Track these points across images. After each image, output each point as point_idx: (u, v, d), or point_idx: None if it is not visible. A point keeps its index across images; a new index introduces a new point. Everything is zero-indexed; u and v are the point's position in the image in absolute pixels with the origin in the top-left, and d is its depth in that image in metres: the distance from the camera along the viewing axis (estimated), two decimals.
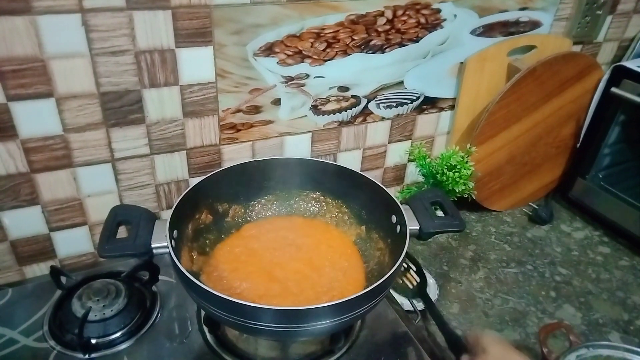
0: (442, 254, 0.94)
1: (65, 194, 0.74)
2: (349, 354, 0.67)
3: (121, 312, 0.68)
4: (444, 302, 0.83)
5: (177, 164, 0.80)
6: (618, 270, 0.93)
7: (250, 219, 0.79)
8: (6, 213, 0.72)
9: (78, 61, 0.65)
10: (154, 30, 0.67)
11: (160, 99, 0.73)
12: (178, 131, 0.77)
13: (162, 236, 0.59)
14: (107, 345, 0.66)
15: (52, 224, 0.76)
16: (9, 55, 0.61)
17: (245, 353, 0.66)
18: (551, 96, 1.00)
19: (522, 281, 0.89)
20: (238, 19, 0.72)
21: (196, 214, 0.72)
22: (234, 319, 0.54)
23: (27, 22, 0.60)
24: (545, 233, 1.03)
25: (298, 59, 0.79)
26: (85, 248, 0.81)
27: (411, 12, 0.84)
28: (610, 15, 1.06)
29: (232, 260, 0.71)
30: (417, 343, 0.70)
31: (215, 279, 0.67)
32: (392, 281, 0.60)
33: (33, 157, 0.69)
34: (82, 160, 0.73)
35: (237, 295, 0.64)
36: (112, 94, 0.69)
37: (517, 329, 0.79)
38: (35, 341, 0.66)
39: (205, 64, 0.73)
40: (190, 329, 0.70)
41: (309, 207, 0.81)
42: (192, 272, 0.65)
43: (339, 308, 0.54)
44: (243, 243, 0.74)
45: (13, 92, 0.64)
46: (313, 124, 0.88)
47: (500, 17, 0.93)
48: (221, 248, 0.73)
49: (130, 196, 0.79)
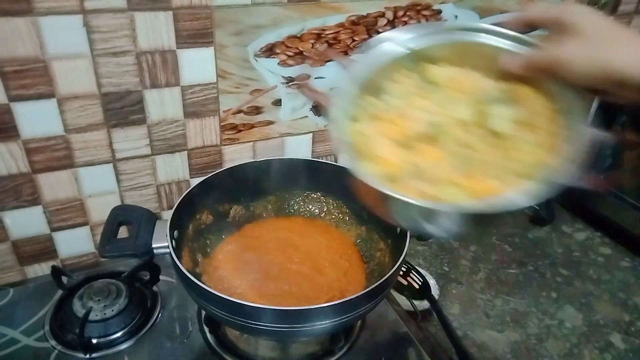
0: (442, 254, 0.94)
1: (67, 194, 0.74)
2: (349, 354, 0.67)
3: (122, 312, 0.69)
4: (444, 303, 0.83)
5: (178, 164, 0.80)
6: (619, 271, 0.93)
7: (250, 219, 0.79)
8: (8, 213, 0.72)
9: (79, 62, 0.65)
10: (155, 31, 0.67)
11: (161, 99, 0.73)
12: (179, 132, 0.77)
13: (163, 236, 0.59)
14: (107, 345, 0.66)
15: (53, 224, 0.76)
16: (10, 56, 0.61)
17: (246, 353, 0.67)
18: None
19: (523, 282, 0.89)
20: (239, 20, 0.72)
21: (197, 214, 0.72)
22: (235, 319, 0.54)
23: (28, 23, 0.60)
24: (546, 234, 1.03)
25: (299, 59, 0.79)
26: (87, 248, 0.81)
27: (412, 13, 0.84)
28: (612, 16, 1.06)
29: (232, 261, 0.71)
30: (417, 343, 0.70)
31: (215, 279, 0.68)
32: (393, 281, 0.60)
33: (34, 158, 0.69)
34: (83, 161, 0.73)
35: (238, 295, 0.64)
36: (113, 94, 0.70)
37: (517, 330, 0.78)
38: (36, 341, 0.66)
39: (206, 64, 0.73)
40: (190, 329, 0.70)
41: (309, 208, 0.81)
42: (193, 272, 0.65)
43: (340, 308, 0.54)
44: (244, 243, 0.75)
45: (15, 92, 0.64)
46: (314, 124, 0.88)
47: (501, 17, 0.93)
48: (222, 248, 0.74)
49: (132, 196, 0.79)
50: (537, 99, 0.46)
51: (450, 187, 0.44)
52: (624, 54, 0.41)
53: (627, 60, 0.41)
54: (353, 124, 0.48)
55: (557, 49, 0.44)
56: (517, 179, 0.43)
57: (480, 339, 0.76)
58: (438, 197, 0.43)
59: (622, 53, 0.41)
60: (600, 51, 0.42)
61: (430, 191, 0.43)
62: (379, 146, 0.46)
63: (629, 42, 0.42)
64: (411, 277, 0.82)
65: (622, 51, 0.41)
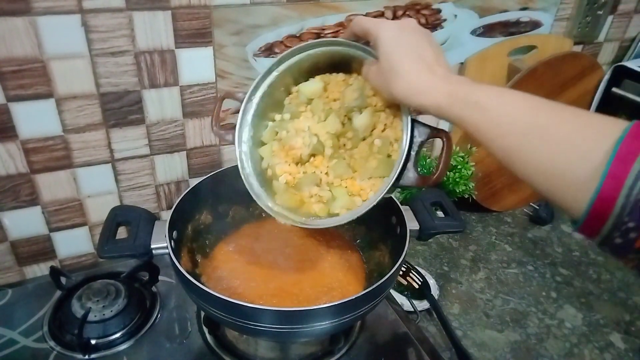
0: (442, 254, 0.94)
1: (65, 194, 0.74)
2: (349, 355, 0.67)
3: (121, 313, 0.68)
4: (444, 303, 0.82)
5: (177, 164, 0.80)
6: (619, 270, 0.93)
7: (250, 219, 0.79)
8: (6, 214, 0.72)
9: (78, 62, 0.65)
10: (153, 30, 0.67)
11: (160, 99, 0.73)
12: (178, 132, 0.77)
13: (162, 237, 0.59)
14: (106, 345, 0.66)
15: (52, 225, 0.76)
16: (8, 56, 0.61)
17: (245, 354, 0.66)
18: (552, 96, 0.98)
19: (523, 282, 0.89)
20: (238, 20, 0.72)
21: (196, 214, 0.72)
22: (234, 319, 0.54)
23: (27, 22, 0.60)
24: (546, 233, 1.02)
25: None
26: (85, 249, 0.81)
27: (411, 13, 0.84)
28: (611, 15, 1.06)
29: (231, 261, 0.71)
30: (417, 344, 0.70)
31: (215, 280, 0.67)
32: (393, 282, 0.60)
33: (33, 158, 0.69)
34: (82, 161, 0.73)
35: (237, 296, 0.63)
36: (111, 94, 0.69)
37: (517, 330, 0.78)
38: (35, 342, 0.66)
39: (205, 64, 0.73)
40: (190, 330, 0.70)
41: None
42: (192, 272, 0.65)
43: (339, 309, 0.54)
44: (243, 244, 0.74)
45: (13, 92, 0.64)
46: None
47: (500, 17, 0.93)
48: (221, 248, 0.73)
49: (130, 197, 0.79)
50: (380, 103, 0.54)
51: (339, 190, 0.55)
52: (400, 86, 0.44)
53: (405, 92, 0.44)
54: (258, 148, 0.59)
55: (366, 70, 0.49)
56: (377, 179, 0.53)
57: (480, 339, 0.76)
58: (333, 198, 0.55)
59: (399, 86, 0.44)
60: (386, 81, 0.45)
61: (326, 195, 0.55)
62: (279, 165, 0.58)
63: (405, 74, 0.43)
64: (411, 276, 0.82)
65: (400, 84, 0.44)
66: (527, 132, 0.38)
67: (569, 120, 0.38)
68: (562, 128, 0.37)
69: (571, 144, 0.36)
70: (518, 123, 0.39)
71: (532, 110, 0.39)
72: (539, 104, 0.40)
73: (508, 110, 0.40)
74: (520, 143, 0.39)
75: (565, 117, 0.38)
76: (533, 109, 0.39)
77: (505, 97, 0.41)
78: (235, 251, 0.73)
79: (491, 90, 0.41)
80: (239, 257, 0.72)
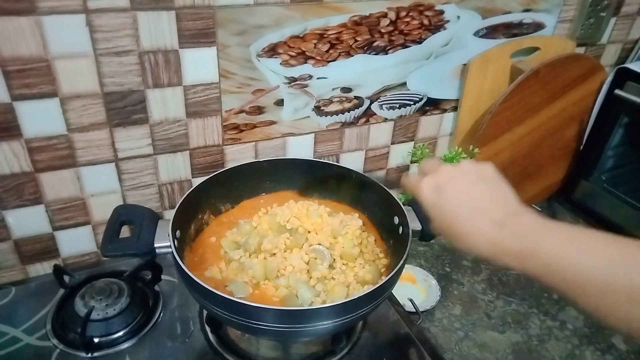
0: (444, 255, 0.94)
1: (69, 193, 0.75)
2: (351, 355, 0.67)
3: (124, 312, 0.69)
4: (446, 304, 0.83)
5: (180, 164, 0.80)
6: None
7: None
8: (10, 212, 0.72)
9: (82, 61, 0.65)
10: (157, 30, 0.67)
11: (163, 99, 0.73)
12: (181, 131, 0.77)
13: (165, 236, 0.59)
14: (109, 344, 0.66)
15: (55, 223, 0.76)
16: (13, 55, 0.62)
17: (247, 353, 0.67)
18: (554, 98, 1.00)
19: (525, 283, 0.89)
20: (241, 20, 0.72)
21: (199, 214, 0.72)
22: (236, 318, 0.54)
23: (31, 22, 0.60)
24: None
25: (301, 59, 0.79)
26: (89, 247, 0.81)
27: (414, 14, 0.84)
28: (614, 17, 1.06)
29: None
30: (418, 344, 0.70)
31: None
32: (395, 282, 0.60)
33: (37, 157, 0.69)
34: (85, 160, 0.73)
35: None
36: (115, 94, 0.70)
37: (519, 331, 0.78)
38: (38, 340, 0.67)
39: (209, 64, 0.73)
40: (192, 329, 0.70)
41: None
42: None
43: (341, 308, 0.54)
44: None
45: (17, 91, 0.64)
46: (316, 124, 0.88)
47: (503, 18, 0.93)
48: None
49: (134, 196, 0.80)
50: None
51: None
52: (465, 246, 0.47)
53: (470, 251, 0.46)
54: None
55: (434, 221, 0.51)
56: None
57: (482, 340, 0.76)
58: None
59: (463, 245, 0.47)
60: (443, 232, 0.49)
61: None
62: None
63: (464, 238, 0.46)
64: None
65: (463, 244, 0.47)
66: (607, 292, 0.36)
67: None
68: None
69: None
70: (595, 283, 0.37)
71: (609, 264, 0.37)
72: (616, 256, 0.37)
73: (582, 269, 0.38)
74: (605, 304, 0.37)
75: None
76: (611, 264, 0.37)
77: (578, 251, 0.38)
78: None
79: (562, 242, 0.40)
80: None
